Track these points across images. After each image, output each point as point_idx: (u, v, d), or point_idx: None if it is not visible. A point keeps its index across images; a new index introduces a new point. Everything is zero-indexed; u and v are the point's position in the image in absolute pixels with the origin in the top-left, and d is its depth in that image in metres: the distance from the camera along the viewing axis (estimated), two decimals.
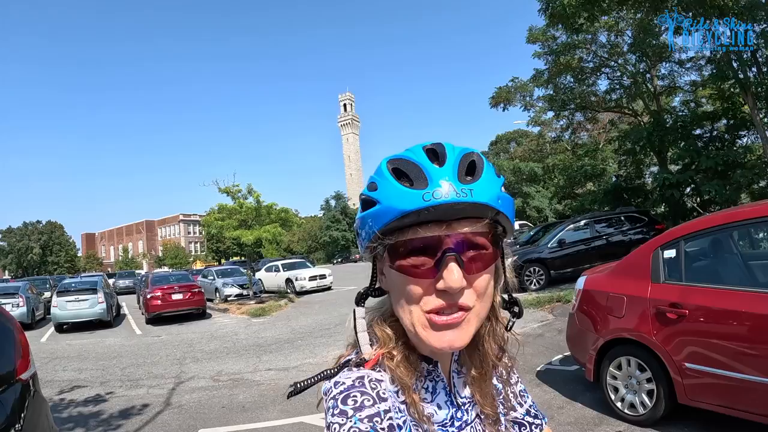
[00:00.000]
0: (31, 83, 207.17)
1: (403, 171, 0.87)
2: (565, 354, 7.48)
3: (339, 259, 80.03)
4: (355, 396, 0.87)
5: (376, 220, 0.88)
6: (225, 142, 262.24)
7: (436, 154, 0.89)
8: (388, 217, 0.86)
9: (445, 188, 0.83)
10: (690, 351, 4.29)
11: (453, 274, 0.84)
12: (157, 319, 18.55)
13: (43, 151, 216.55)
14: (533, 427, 1.19)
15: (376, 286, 1.01)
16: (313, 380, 0.95)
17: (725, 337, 4.05)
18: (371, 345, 0.98)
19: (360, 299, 1.01)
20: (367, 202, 0.92)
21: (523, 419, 1.19)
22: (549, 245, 15.77)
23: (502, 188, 0.92)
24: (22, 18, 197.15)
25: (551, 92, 24.51)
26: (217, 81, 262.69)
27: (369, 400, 0.87)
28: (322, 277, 25.76)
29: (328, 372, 0.95)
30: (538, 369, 7.39)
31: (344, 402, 0.86)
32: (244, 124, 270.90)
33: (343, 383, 0.90)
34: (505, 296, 1.03)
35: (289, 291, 25.01)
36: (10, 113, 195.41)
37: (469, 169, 0.87)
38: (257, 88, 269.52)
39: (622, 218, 16.35)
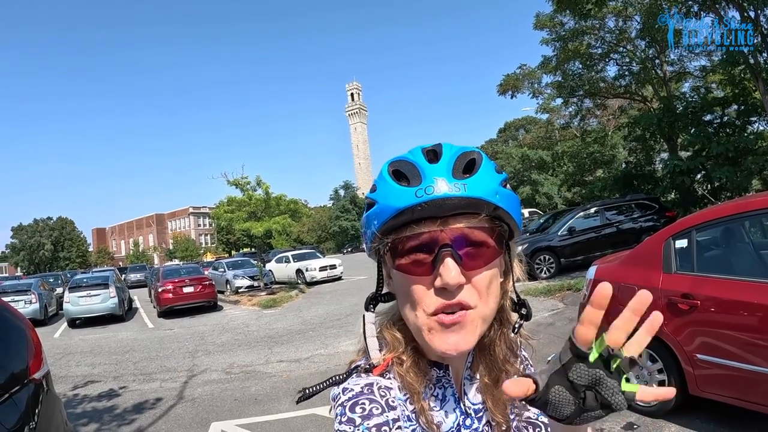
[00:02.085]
0: (47, 93, 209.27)
1: (402, 172, 0.88)
2: None
3: (349, 249, 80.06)
4: (364, 404, 0.87)
5: (375, 220, 0.90)
6: (233, 139, 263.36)
7: (435, 154, 0.89)
8: (385, 215, 0.87)
9: (439, 184, 0.84)
10: (701, 342, 4.27)
11: (449, 270, 0.83)
12: (168, 312, 18.66)
13: (54, 152, 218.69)
14: (548, 428, 1.13)
15: (384, 291, 1.01)
16: (321, 386, 0.94)
17: (737, 328, 4.02)
18: (381, 350, 0.98)
19: (369, 304, 1.01)
20: (368, 204, 0.93)
21: (537, 420, 1.14)
22: (559, 233, 15.70)
23: (505, 184, 0.91)
24: (40, 31, 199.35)
25: (560, 79, 24.30)
26: (225, 81, 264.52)
27: (377, 408, 0.86)
28: (333, 267, 25.76)
29: (337, 378, 0.95)
30: (549, 359, 7.34)
31: (352, 409, 0.86)
32: (252, 122, 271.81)
33: (352, 390, 0.90)
34: (514, 297, 1.02)
35: (299, 282, 25.07)
36: (21, 119, 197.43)
37: (467, 166, 0.87)
38: (264, 87, 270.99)
39: (633, 205, 16.27)
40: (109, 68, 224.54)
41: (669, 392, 0.70)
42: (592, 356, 0.68)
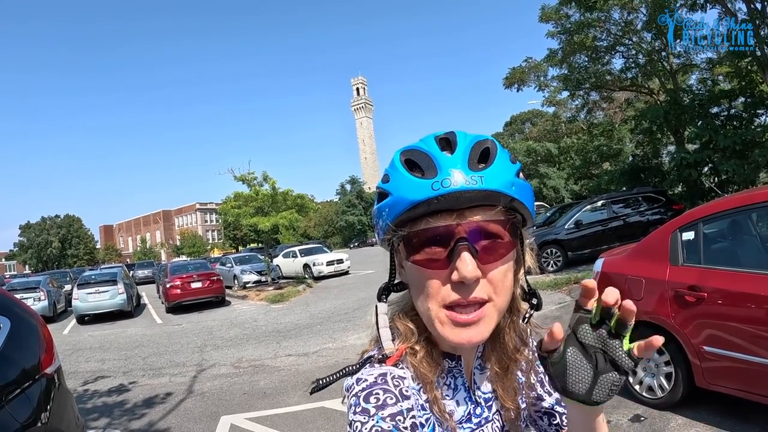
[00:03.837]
0: (51, 90, 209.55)
1: (415, 162, 0.87)
2: None
3: (356, 243, 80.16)
4: (378, 394, 0.87)
5: (389, 211, 0.88)
6: (239, 135, 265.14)
7: (448, 142, 0.88)
8: (400, 208, 0.86)
9: (455, 176, 0.82)
10: (708, 334, 4.26)
11: (466, 264, 0.83)
12: (177, 307, 18.74)
13: (60, 149, 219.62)
14: (564, 417, 1.16)
15: (396, 281, 1.00)
16: (335, 376, 0.94)
17: (744, 320, 4.01)
18: (393, 340, 0.97)
19: (381, 294, 1.00)
20: (381, 195, 0.92)
21: (552, 409, 1.16)
22: (566, 226, 15.66)
23: (519, 174, 0.90)
24: (42, 27, 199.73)
25: (566, 72, 24.14)
26: (230, 77, 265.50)
27: (391, 398, 0.86)
28: (340, 261, 25.83)
29: (351, 368, 0.94)
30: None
31: (366, 400, 0.86)
32: (257, 117, 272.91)
33: (365, 380, 0.90)
34: (525, 287, 1.02)
35: (306, 276, 25.07)
36: (25, 116, 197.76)
37: (482, 156, 0.86)
38: (270, 81, 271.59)
39: (640, 198, 16.20)
40: (113, 64, 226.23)
41: (656, 340, 0.75)
42: (593, 318, 0.79)
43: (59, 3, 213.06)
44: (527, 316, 1.03)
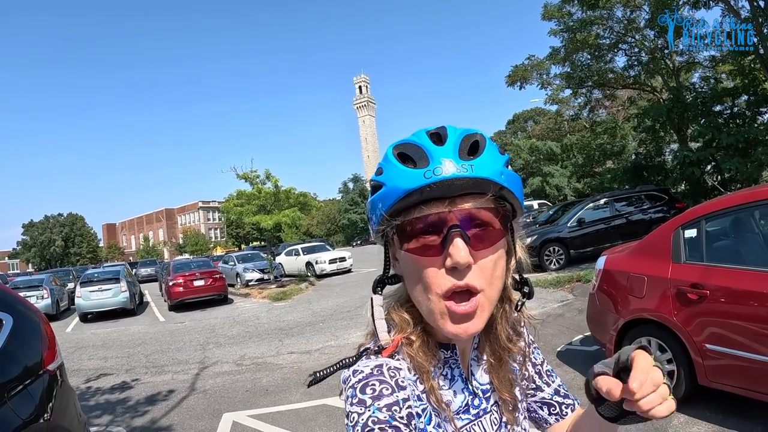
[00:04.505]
0: (54, 88, 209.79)
1: (407, 154, 0.89)
2: (586, 334, 7.46)
3: (358, 242, 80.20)
4: (374, 385, 0.88)
5: (383, 202, 0.90)
6: (242, 133, 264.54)
7: (438, 136, 0.90)
8: (393, 197, 0.87)
9: (446, 165, 0.84)
10: (711, 332, 4.25)
11: (459, 250, 0.84)
12: (179, 305, 18.75)
13: (63, 148, 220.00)
14: (563, 407, 1.19)
15: (391, 273, 1.01)
16: (332, 369, 0.95)
17: (746, 318, 4.00)
18: (389, 331, 0.98)
19: (377, 287, 1.01)
20: (374, 187, 0.94)
21: (551, 399, 1.18)
22: (568, 224, 15.63)
23: (507, 165, 0.92)
24: (44, 24, 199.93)
25: (568, 70, 24.11)
26: (232, 75, 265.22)
27: (387, 389, 0.87)
28: (342, 259, 25.80)
29: (347, 360, 0.95)
30: (559, 349, 7.38)
31: (363, 391, 0.87)
32: (260, 115, 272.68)
33: (362, 372, 0.91)
34: (516, 276, 1.03)
35: (309, 274, 25.13)
36: (30, 115, 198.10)
37: (472, 147, 0.88)
38: (272, 80, 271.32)
39: (642, 197, 16.15)
40: (115, 62, 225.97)
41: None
42: None
43: (60, 1, 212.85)
44: (519, 304, 1.04)
